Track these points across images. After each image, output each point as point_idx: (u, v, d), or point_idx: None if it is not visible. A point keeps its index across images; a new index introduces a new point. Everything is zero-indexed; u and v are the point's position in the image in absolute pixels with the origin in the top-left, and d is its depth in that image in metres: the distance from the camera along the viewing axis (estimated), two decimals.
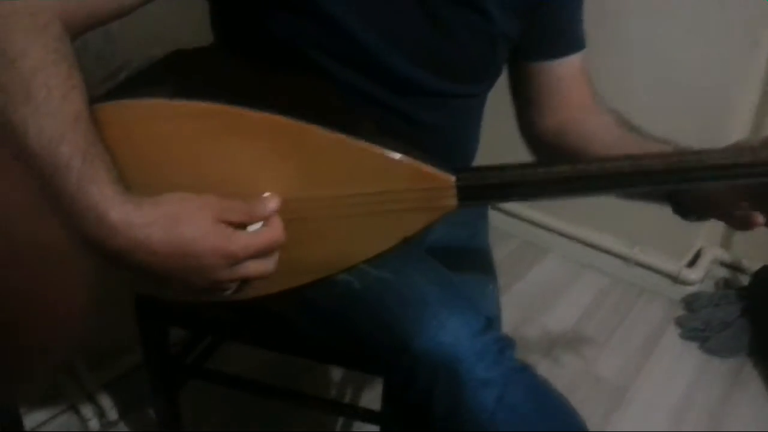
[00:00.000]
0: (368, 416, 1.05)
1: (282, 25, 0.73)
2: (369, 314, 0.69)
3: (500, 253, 1.88)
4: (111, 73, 0.91)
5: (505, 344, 0.67)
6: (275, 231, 0.62)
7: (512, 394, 0.63)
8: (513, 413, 0.62)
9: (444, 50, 0.77)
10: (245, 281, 0.62)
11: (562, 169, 0.66)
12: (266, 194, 0.64)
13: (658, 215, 0.73)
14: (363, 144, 0.66)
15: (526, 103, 0.88)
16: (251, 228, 0.62)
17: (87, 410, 1.22)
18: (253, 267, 0.61)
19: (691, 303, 1.71)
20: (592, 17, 0.87)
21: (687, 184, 0.66)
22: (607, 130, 0.80)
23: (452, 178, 0.66)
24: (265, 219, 0.62)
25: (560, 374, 1.49)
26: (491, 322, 0.68)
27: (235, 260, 0.59)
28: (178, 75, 0.76)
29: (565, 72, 0.85)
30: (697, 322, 1.64)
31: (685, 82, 1.54)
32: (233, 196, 0.64)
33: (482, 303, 0.83)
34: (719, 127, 1.52)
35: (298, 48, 0.73)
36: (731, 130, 1.54)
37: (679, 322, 1.66)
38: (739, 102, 1.56)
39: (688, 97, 1.54)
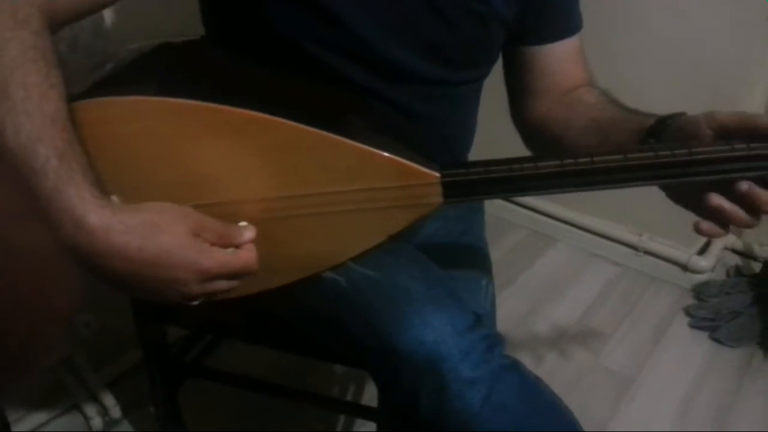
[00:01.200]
0: (369, 414, 1.04)
1: (272, 14, 0.72)
2: (354, 312, 0.68)
3: (507, 244, 1.88)
4: (97, 65, 0.90)
5: (494, 341, 0.65)
6: (250, 257, 0.62)
7: (500, 393, 0.61)
8: (501, 413, 0.61)
9: (437, 34, 0.75)
10: (211, 294, 0.62)
11: (549, 165, 0.64)
12: (243, 223, 0.64)
13: (667, 202, 0.71)
14: (347, 141, 0.65)
15: (520, 88, 0.87)
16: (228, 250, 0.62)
17: (90, 409, 1.23)
18: (222, 286, 0.61)
19: (701, 291, 1.68)
20: None
21: (681, 178, 0.64)
22: (591, 111, 0.78)
23: (437, 175, 0.65)
24: (239, 246, 0.62)
25: (567, 364, 1.48)
26: (480, 319, 0.66)
27: (207, 277, 0.59)
28: (164, 70, 0.76)
29: (561, 54, 0.83)
30: (707, 311, 1.61)
31: (700, 57, 1.50)
32: (216, 195, 0.63)
33: (473, 299, 0.81)
34: (734, 103, 1.49)
35: (285, 34, 0.72)
36: (747, 105, 1.51)
37: (689, 311, 1.64)
38: (754, 77, 1.53)
39: (702, 72, 1.50)
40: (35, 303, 0.28)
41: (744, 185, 0.61)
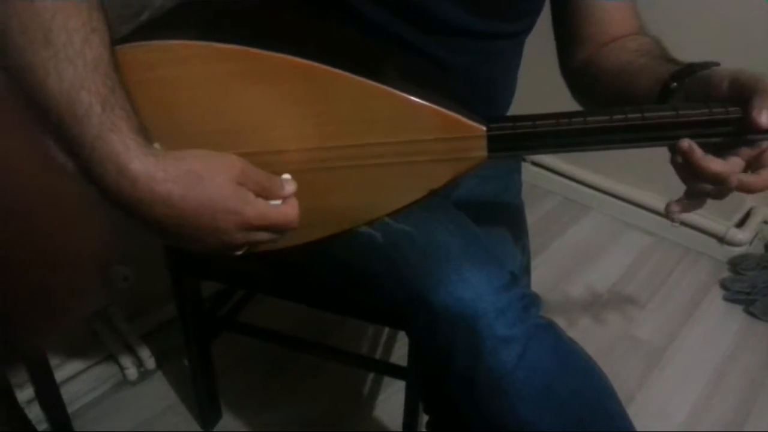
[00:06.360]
0: (398, 372, 1.05)
1: None
2: (390, 268, 0.68)
3: (540, 210, 1.86)
4: (132, 14, 0.89)
5: (530, 301, 0.64)
6: (292, 212, 0.62)
7: (534, 352, 0.61)
8: (534, 372, 0.60)
9: None
10: (253, 245, 0.62)
11: (598, 120, 0.62)
12: (286, 176, 0.63)
13: None
14: (392, 91, 0.63)
15: (567, 36, 0.84)
16: (272, 202, 0.62)
17: (125, 360, 1.25)
18: (264, 237, 0.61)
19: (737, 264, 1.65)
20: None
21: (734, 137, 0.61)
22: (628, 56, 0.76)
23: (483, 128, 0.63)
24: (281, 199, 0.62)
25: (599, 333, 1.47)
26: (516, 278, 0.65)
27: (249, 226, 0.59)
28: (202, 16, 0.75)
29: (609, 6, 0.80)
30: (743, 285, 1.58)
31: (738, 35, 1.46)
32: (256, 143, 0.63)
33: (510, 258, 0.80)
34: None
35: None
36: None
37: (724, 284, 1.61)
38: None
39: (741, 50, 1.45)
40: (62, 250, 0.28)
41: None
